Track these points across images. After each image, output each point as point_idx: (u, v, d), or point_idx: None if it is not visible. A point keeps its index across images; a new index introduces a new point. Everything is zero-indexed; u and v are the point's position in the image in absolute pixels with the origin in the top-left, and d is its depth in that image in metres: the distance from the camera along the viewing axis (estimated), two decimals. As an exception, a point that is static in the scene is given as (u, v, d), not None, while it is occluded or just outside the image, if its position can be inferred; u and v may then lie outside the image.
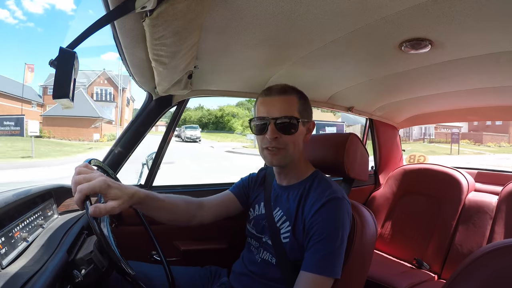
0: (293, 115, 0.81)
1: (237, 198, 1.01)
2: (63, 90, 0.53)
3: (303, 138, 0.87)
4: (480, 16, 0.70)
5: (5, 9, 68.12)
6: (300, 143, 0.86)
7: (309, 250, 0.77)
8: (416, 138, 26.37)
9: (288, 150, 0.82)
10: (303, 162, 0.91)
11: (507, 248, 0.54)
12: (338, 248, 0.75)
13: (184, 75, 0.99)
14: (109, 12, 0.54)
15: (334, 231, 0.75)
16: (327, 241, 0.75)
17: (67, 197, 1.11)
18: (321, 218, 0.77)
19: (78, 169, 0.67)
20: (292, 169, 0.89)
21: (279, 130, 0.81)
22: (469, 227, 1.56)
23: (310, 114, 0.89)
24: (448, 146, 19.21)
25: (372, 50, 0.95)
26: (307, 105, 0.88)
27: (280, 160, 0.83)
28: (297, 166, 0.89)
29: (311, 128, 0.90)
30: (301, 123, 0.84)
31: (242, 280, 0.91)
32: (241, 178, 1.07)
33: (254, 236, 0.94)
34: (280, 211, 0.88)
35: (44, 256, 0.73)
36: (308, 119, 0.87)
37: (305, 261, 0.76)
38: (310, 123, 0.89)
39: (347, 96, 1.58)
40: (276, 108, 0.82)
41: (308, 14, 0.70)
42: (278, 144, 0.81)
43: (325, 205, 0.77)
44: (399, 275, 1.51)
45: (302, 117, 0.84)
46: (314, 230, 0.77)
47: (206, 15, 0.66)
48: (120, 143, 1.22)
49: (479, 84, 1.30)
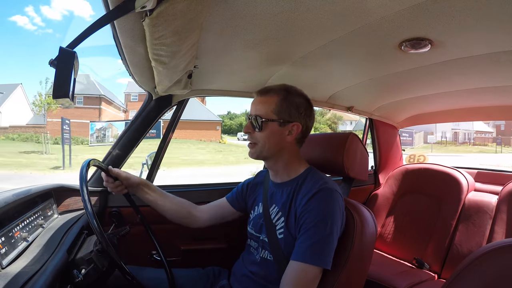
0: (264, 113, 0.86)
1: (231, 204, 1.07)
2: (63, 90, 0.53)
3: (280, 137, 0.86)
4: (480, 15, 0.70)
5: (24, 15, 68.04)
6: (275, 142, 0.87)
7: (298, 240, 0.78)
8: (461, 141, 34.41)
9: (259, 146, 0.88)
10: (293, 161, 0.91)
11: (507, 248, 0.54)
12: (327, 237, 0.76)
13: (184, 74, 0.99)
14: (109, 11, 0.54)
15: (322, 220, 0.76)
16: (314, 230, 0.76)
17: (67, 197, 1.11)
18: (311, 207, 0.78)
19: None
20: (278, 166, 0.91)
21: (252, 127, 0.88)
22: (469, 227, 1.56)
23: (294, 115, 0.87)
24: (487, 148, 28.59)
25: (372, 50, 0.95)
26: (293, 106, 0.87)
27: (253, 154, 0.90)
28: (284, 164, 0.90)
29: (296, 129, 0.87)
30: (273, 123, 0.85)
31: (243, 282, 0.91)
32: (241, 182, 1.10)
33: (253, 236, 0.95)
34: (275, 207, 0.89)
35: (44, 256, 0.73)
36: (289, 119, 0.86)
37: (294, 250, 0.78)
38: (292, 124, 0.87)
39: (347, 96, 1.58)
40: (254, 107, 0.89)
41: (308, 14, 0.70)
42: (251, 139, 0.89)
43: (315, 195, 0.79)
44: (399, 274, 1.51)
45: (279, 117, 0.85)
46: (304, 219, 0.78)
47: (206, 15, 0.66)
48: (120, 143, 1.22)
49: (479, 83, 1.30)
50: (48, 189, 1.02)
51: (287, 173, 0.91)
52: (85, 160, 0.83)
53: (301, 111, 0.88)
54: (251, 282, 0.89)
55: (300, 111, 0.88)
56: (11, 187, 0.95)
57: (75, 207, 1.11)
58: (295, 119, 0.87)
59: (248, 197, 1.04)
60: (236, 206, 1.06)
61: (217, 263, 1.12)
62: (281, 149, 0.89)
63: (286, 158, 0.90)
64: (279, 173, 0.92)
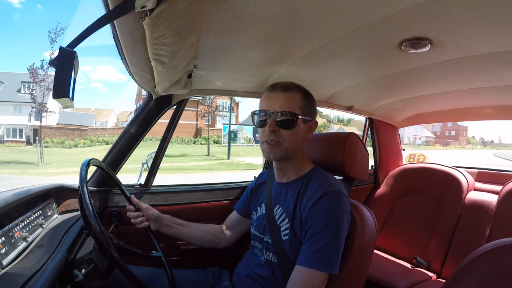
0: (293, 111, 0.83)
1: (242, 215, 1.09)
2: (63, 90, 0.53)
3: (302, 135, 0.87)
4: (480, 15, 0.70)
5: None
6: (299, 140, 0.86)
7: (304, 244, 0.77)
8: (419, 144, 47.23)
9: (285, 145, 0.83)
10: (303, 160, 0.91)
11: (507, 247, 0.54)
12: (333, 242, 0.74)
13: (184, 74, 0.99)
14: (109, 11, 0.53)
15: (329, 225, 0.75)
16: (321, 234, 0.74)
17: (67, 196, 1.11)
18: (317, 211, 0.77)
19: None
20: (290, 166, 0.89)
21: (278, 124, 0.82)
22: (469, 226, 1.56)
23: (313, 113, 0.89)
24: (434, 147, 37.52)
25: (371, 50, 0.95)
26: (311, 104, 0.88)
27: (276, 154, 0.84)
28: (296, 163, 0.89)
29: (313, 127, 0.90)
30: (301, 120, 0.84)
31: (247, 283, 0.91)
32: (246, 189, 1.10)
33: (257, 238, 0.94)
34: (280, 208, 0.88)
35: (44, 256, 0.73)
36: (310, 117, 0.87)
37: (300, 255, 0.76)
38: (311, 122, 0.89)
39: (347, 96, 1.58)
40: (277, 103, 0.83)
41: (308, 14, 0.70)
42: (277, 138, 0.83)
43: (321, 198, 0.77)
44: (399, 274, 1.51)
45: (303, 114, 0.85)
46: (310, 223, 0.77)
47: (206, 15, 0.66)
48: (120, 143, 1.22)
49: (479, 83, 1.30)
50: (48, 189, 1.02)
51: (295, 173, 0.90)
52: (85, 160, 0.83)
53: (315, 109, 0.91)
54: (255, 283, 0.88)
55: (315, 109, 0.91)
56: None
57: (75, 207, 1.11)
58: (314, 116, 0.89)
59: (251, 201, 1.04)
60: (244, 215, 1.08)
61: (218, 263, 1.12)
62: (301, 148, 0.89)
63: (299, 158, 0.89)
64: (288, 172, 0.90)
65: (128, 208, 1.03)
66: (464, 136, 59.97)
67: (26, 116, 23.72)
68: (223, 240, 1.09)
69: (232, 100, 24.28)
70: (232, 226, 1.10)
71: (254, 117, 0.88)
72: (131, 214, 1.01)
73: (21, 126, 24.13)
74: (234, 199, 1.43)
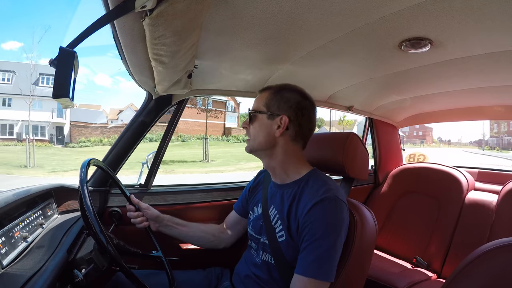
0: (257, 108, 0.88)
1: (240, 215, 1.09)
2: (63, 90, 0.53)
3: (269, 130, 0.85)
4: (480, 15, 0.70)
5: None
6: (264, 134, 0.85)
7: (302, 252, 0.76)
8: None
9: (251, 139, 0.89)
10: (293, 160, 0.88)
11: (507, 247, 0.54)
12: (331, 250, 0.74)
13: (184, 74, 0.99)
14: (109, 11, 0.54)
15: (325, 233, 0.74)
16: (318, 243, 0.74)
17: (67, 196, 1.11)
18: (313, 218, 0.75)
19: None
20: (274, 164, 0.88)
21: (249, 121, 0.90)
22: (469, 226, 1.56)
23: (283, 108, 0.85)
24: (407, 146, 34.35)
25: (371, 50, 0.95)
26: (282, 100, 0.85)
27: (247, 148, 0.91)
28: (279, 161, 0.87)
29: (284, 122, 0.84)
30: (262, 115, 0.86)
31: (246, 283, 0.91)
32: (244, 188, 1.10)
33: (253, 238, 0.94)
34: (274, 209, 0.88)
35: (44, 256, 0.73)
36: (277, 112, 0.84)
37: (298, 263, 0.76)
38: (280, 117, 0.84)
39: (347, 96, 1.58)
40: (252, 104, 0.92)
41: (308, 14, 0.70)
42: (247, 135, 0.91)
43: (317, 205, 0.76)
44: (399, 274, 1.51)
45: (268, 109, 0.85)
46: (306, 231, 0.76)
47: (205, 15, 0.66)
48: (120, 143, 1.22)
49: (479, 83, 1.30)
50: (48, 189, 1.02)
51: (285, 174, 0.88)
52: (85, 160, 0.83)
53: (291, 105, 0.85)
54: (254, 284, 0.88)
55: (290, 105, 0.85)
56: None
57: (75, 207, 1.11)
58: (283, 112, 0.84)
59: (249, 200, 1.04)
60: (243, 215, 1.08)
61: (218, 263, 1.12)
62: (272, 144, 0.86)
63: (280, 156, 0.87)
64: (276, 172, 0.90)
65: (128, 208, 1.03)
66: (430, 136, 67.39)
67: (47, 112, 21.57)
68: (223, 240, 1.09)
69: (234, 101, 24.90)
70: (231, 226, 1.10)
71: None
72: (131, 214, 1.01)
73: (43, 123, 21.68)
74: (234, 199, 1.43)
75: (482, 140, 49.67)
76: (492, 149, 39.35)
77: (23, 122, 20.88)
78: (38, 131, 21.69)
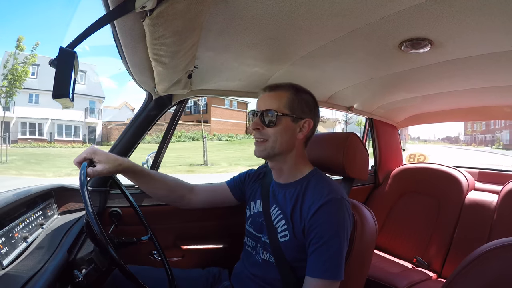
0: (276, 108, 0.82)
1: (230, 189, 1.04)
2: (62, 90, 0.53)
3: (291, 134, 0.84)
4: (480, 15, 0.70)
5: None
6: (287, 138, 0.84)
7: (312, 255, 0.76)
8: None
9: (271, 142, 0.83)
10: (300, 160, 0.88)
11: (507, 247, 0.54)
12: (340, 250, 0.75)
13: (184, 74, 0.99)
14: (109, 11, 0.54)
15: (334, 234, 0.75)
16: (328, 244, 0.74)
17: (68, 197, 1.11)
18: (321, 220, 0.76)
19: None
20: (284, 167, 0.88)
21: (262, 122, 0.84)
22: (469, 226, 1.56)
23: (306, 112, 0.86)
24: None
25: (372, 50, 0.95)
26: (303, 102, 0.86)
27: (262, 151, 0.85)
28: (291, 164, 0.87)
29: (307, 126, 0.86)
30: (287, 118, 0.83)
31: (245, 283, 0.91)
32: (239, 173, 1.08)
33: (251, 235, 0.93)
34: (276, 209, 0.87)
35: (44, 256, 0.73)
36: (301, 116, 0.85)
37: (310, 266, 0.76)
38: (304, 121, 0.85)
39: (347, 96, 1.58)
40: (265, 102, 0.85)
41: (308, 14, 0.70)
42: (262, 136, 0.84)
43: (323, 206, 0.76)
44: (399, 274, 1.51)
45: (292, 112, 0.83)
46: (314, 233, 0.76)
47: (206, 15, 0.66)
48: (120, 143, 1.22)
49: (479, 83, 1.30)
50: (48, 189, 1.02)
51: (292, 174, 0.88)
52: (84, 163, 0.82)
53: (311, 108, 0.87)
54: (253, 283, 0.88)
55: (311, 108, 0.87)
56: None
57: (75, 208, 1.11)
58: (307, 115, 0.86)
59: (247, 187, 1.02)
60: (235, 194, 1.04)
61: (218, 263, 1.12)
62: (291, 147, 0.86)
63: (294, 159, 0.87)
64: (283, 173, 0.89)
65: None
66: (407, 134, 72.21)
67: (79, 111, 19.52)
68: (191, 201, 1.01)
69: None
70: (211, 192, 1.05)
71: (249, 117, 0.90)
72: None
73: (76, 122, 19.87)
74: None
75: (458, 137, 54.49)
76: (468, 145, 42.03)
77: (53, 121, 19.34)
78: (72, 131, 20.15)
